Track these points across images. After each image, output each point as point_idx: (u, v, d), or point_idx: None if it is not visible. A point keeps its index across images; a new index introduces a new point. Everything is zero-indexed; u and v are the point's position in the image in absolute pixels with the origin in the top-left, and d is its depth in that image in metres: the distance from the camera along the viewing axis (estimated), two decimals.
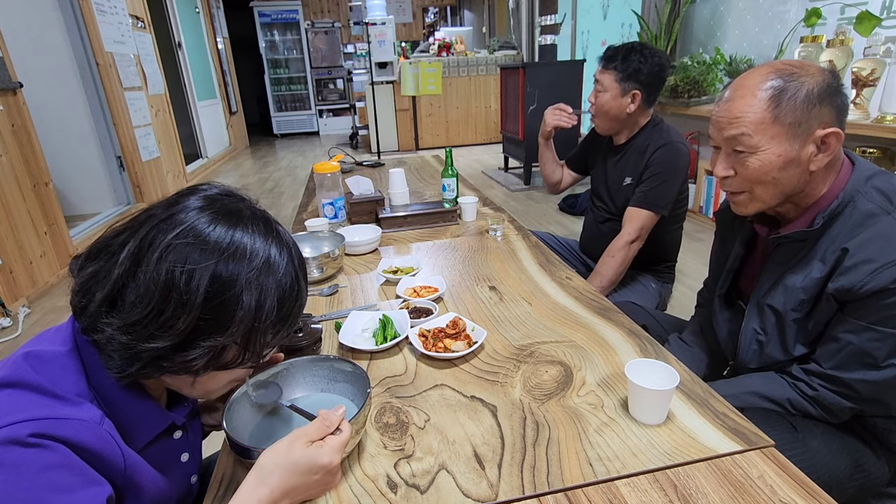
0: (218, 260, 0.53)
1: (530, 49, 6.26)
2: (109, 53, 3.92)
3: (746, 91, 0.83)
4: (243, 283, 0.54)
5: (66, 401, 0.51)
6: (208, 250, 0.53)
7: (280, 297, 0.57)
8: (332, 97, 9.07)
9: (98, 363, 0.55)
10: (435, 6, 9.97)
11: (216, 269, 0.53)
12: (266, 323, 0.56)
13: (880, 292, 0.77)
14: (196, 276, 0.52)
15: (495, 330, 1.02)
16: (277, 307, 0.57)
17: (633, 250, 1.55)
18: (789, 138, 0.81)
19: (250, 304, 0.54)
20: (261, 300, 0.55)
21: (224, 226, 0.54)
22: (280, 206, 4.41)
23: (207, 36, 6.88)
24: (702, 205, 3.35)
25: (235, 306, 0.54)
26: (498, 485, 0.64)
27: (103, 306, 0.53)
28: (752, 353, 0.96)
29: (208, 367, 0.56)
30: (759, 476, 0.64)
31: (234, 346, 0.56)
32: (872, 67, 2.14)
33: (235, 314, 0.54)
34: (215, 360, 0.56)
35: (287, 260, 0.58)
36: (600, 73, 1.56)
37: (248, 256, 0.54)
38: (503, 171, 5.23)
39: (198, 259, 0.52)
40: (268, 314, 0.56)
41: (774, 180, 0.84)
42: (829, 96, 0.79)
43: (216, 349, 0.55)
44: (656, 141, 1.55)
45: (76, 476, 0.49)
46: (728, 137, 0.86)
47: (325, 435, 0.61)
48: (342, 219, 1.73)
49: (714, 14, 3.36)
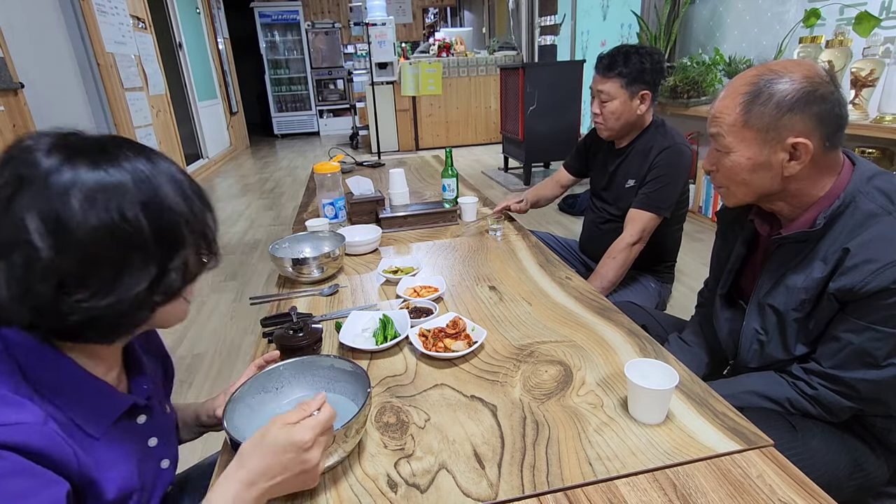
0: (132, 190, 0.52)
1: (530, 49, 6.27)
2: (110, 54, 3.93)
3: (729, 92, 0.85)
4: (163, 194, 0.54)
5: (5, 405, 0.50)
6: (113, 190, 0.51)
7: (192, 188, 0.59)
8: (333, 97, 9.08)
9: (34, 357, 0.54)
10: (435, 7, 9.98)
11: (138, 198, 0.52)
12: (202, 217, 0.59)
13: (881, 292, 0.77)
14: (129, 214, 0.51)
15: (495, 330, 1.02)
16: (198, 196, 0.59)
17: (635, 252, 1.55)
18: (758, 143, 0.83)
19: (182, 207, 0.56)
20: (186, 197, 0.57)
21: (99, 164, 0.52)
22: (280, 206, 4.41)
23: (208, 36, 6.88)
24: (702, 205, 3.35)
25: (177, 216, 0.55)
26: (498, 484, 0.64)
27: (52, 293, 0.50)
28: (752, 352, 0.96)
29: (184, 284, 0.59)
30: (759, 475, 0.64)
31: (192, 254, 0.58)
32: (871, 68, 2.15)
33: (180, 225, 0.55)
34: (187, 275, 0.58)
35: (162, 158, 0.59)
36: (602, 83, 1.52)
37: (146, 176, 0.54)
38: (503, 171, 5.23)
39: (115, 203, 0.50)
40: (197, 208, 0.58)
41: (745, 181, 0.87)
42: (804, 104, 0.79)
43: (185, 264, 0.57)
44: (660, 143, 1.54)
45: (33, 479, 0.48)
46: (711, 134, 0.89)
47: (303, 418, 0.60)
48: (342, 219, 1.73)
49: (713, 15, 3.37)
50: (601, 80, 1.53)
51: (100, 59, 3.77)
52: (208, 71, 6.78)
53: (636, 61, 1.48)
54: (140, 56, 4.51)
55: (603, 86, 1.52)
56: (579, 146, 1.85)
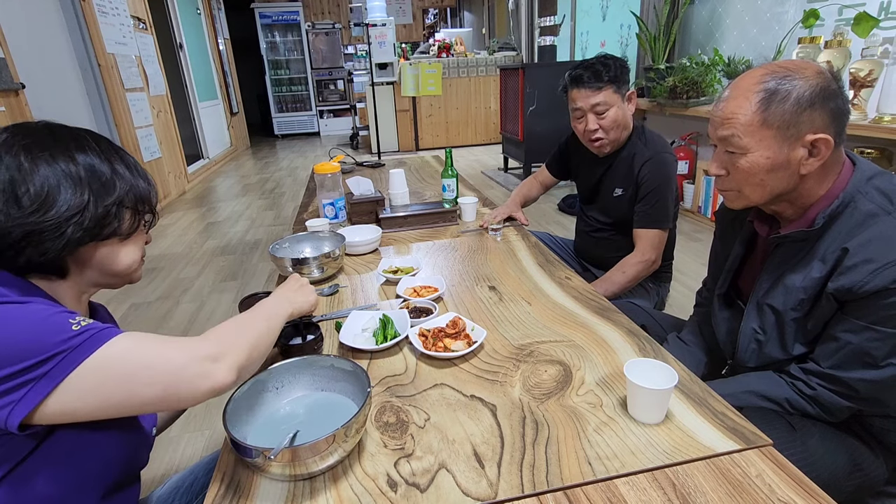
0: (72, 146, 0.65)
1: (530, 50, 6.28)
2: (111, 54, 3.93)
3: (739, 92, 0.84)
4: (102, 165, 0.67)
5: (15, 294, 0.60)
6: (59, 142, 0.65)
7: (126, 160, 0.70)
8: (333, 98, 9.09)
9: (14, 284, 0.63)
10: (435, 7, 9.98)
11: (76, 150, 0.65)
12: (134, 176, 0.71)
13: (880, 292, 0.77)
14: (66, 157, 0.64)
15: (495, 329, 1.02)
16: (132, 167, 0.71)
17: (651, 270, 1.54)
18: (778, 141, 0.82)
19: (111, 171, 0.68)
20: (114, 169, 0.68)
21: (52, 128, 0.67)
22: (281, 207, 4.41)
23: (209, 37, 6.89)
24: (700, 205, 3.35)
25: (115, 177, 0.67)
26: (497, 484, 0.65)
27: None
28: (751, 352, 0.97)
29: (120, 227, 0.68)
30: (758, 475, 0.64)
31: (127, 212, 0.69)
32: (870, 68, 2.15)
33: (117, 181, 0.68)
34: (121, 219, 0.68)
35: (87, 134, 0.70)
36: (594, 95, 1.47)
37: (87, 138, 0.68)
38: (503, 171, 5.24)
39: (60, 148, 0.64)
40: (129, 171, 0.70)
41: (762, 182, 0.85)
42: (822, 100, 0.79)
43: (119, 206, 0.68)
44: (642, 152, 1.53)
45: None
46: (721, 137, 0.87)
47: None
48: (342, 219, 1.73)
49: (712, 15, 3.37)
50: (592, 93, 1.48)
51: (100, 60, 3.77)
52: (209, 71, 6.79)
53: (613, 64, 1.48)
54: (141, 56, 4.52)
55: (596, 97, 1.48)
56: (561, 148, 1.83)
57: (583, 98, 1.50)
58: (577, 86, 1.50)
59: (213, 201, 4.82)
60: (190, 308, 2.55)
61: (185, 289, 2.80)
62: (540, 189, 1.93)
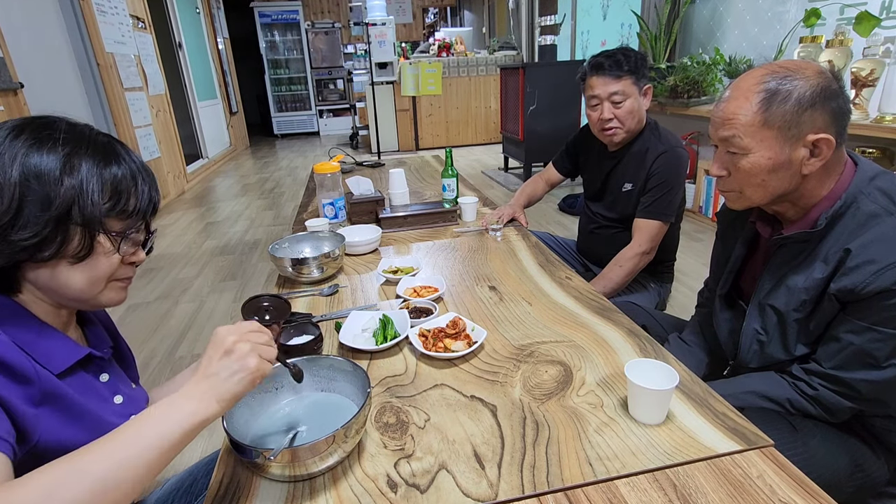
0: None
1: (530, 49, 6.27)
2: (110, 54, 3.92)
3: (740, 93, 0.83)
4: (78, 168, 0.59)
5: None
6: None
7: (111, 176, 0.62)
8: (333, 97, 9.08)
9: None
10: (435, 7, 9.97)
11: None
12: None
13: (882, 293, 0.77)
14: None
15: (495, 330, 1.02)
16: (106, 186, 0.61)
17: (645, 261, 1.54)
18: (779, 142, 0.81)
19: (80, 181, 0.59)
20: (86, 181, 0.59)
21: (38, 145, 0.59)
22: (280, 206, 4.41)
23: (208, 36, 6.88)
24: (701, 205, 3.35)
25: (58, 186, 0.57)
26: (498, 484, 0.64)
27: None
28: (752, 352, 0.96)
29: (93, 243, 0.60)
30: (759, 475, 0.64)
31: (77, 230, 0.58)
32: (871, 68, 2.14)
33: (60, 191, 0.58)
34: (80, 244, 0.59)
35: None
36: (613, 84, 1.47)
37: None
38: (503, 171, 5.23)
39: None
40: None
41: (764, 182, 0.85)
42: (823, 100, 0.79)
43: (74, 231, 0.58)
44: (656, 146, 1.53)
45: None
46: (722, 138, 0.87)
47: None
48: (342, 219, 1.73)
49: (713, 14, 3.37)
50: (612, 82, 1.47)
51: (99, 59, 3.77)
52: (208, 71, 6.78)
53: (634, 57, 1.48)
54: (140, 56, 4.51)
55: (615, 86, 1.48)
56: (568, 146, 1.83)
57: (601, 86, 1.50)
58: (596, 73, 1.50)
59: (212, 201, 4.81)
60: (189, 308, 2.55)
61: (184, 289, 2.80)
62: (545, 188, 1.93)
